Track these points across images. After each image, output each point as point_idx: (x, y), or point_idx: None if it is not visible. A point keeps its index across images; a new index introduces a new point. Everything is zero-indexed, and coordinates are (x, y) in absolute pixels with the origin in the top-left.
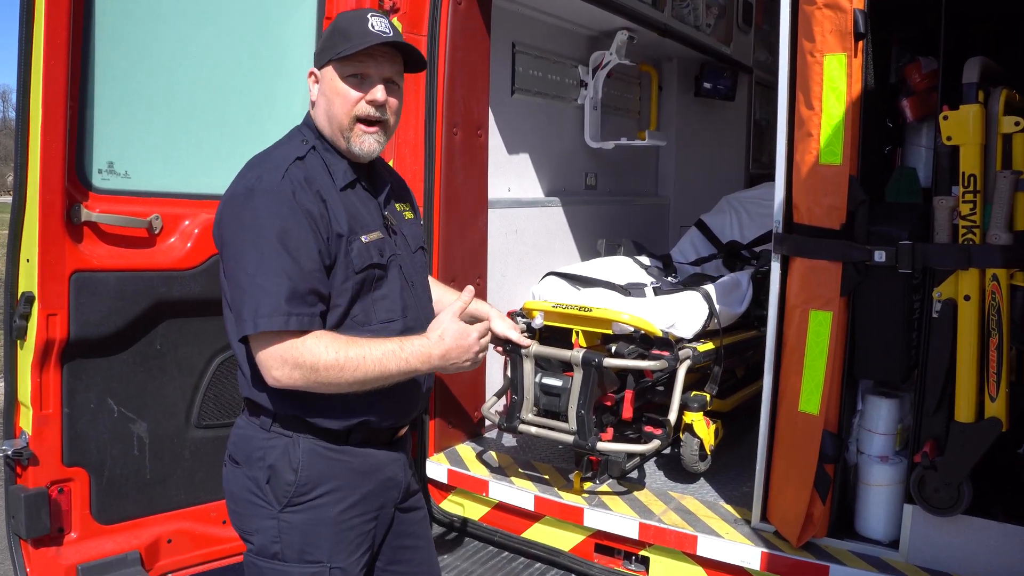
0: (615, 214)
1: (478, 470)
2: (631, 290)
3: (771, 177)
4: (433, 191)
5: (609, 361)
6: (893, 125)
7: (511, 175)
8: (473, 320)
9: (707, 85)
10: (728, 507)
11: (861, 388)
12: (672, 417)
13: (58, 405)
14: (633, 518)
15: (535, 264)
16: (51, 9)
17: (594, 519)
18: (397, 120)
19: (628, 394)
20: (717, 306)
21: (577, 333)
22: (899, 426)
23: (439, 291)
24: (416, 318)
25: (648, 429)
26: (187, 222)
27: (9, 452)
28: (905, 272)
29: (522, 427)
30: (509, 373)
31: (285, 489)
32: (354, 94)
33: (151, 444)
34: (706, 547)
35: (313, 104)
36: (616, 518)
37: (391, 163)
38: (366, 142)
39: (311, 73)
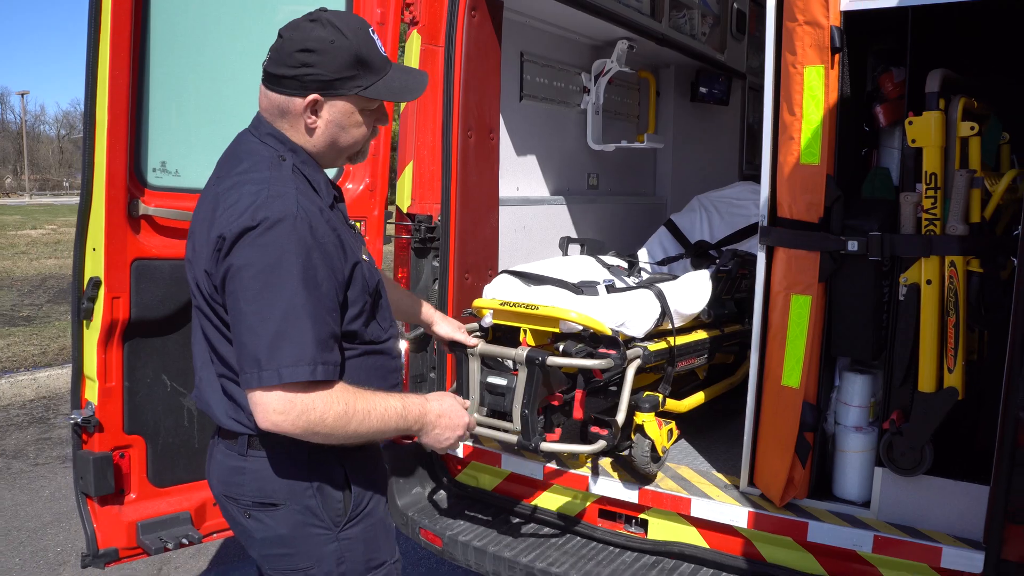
0: (615, 212)
1: (491, 444)
2: (583, 288)
3: None
4: (450, 189)
5: (552, 359)
6: (869, 129)
7: (520, 175)
8: (417, 322)
9: (703, 90)
10: (719, 474)
11: (838, 366)
12: (620, 418)
13: (120, 379)
14: (633, 484)
15: (542, 258)
16: (115, 26)
17: (598, 486)
18: None
19: (578, 394)
20: (671, 305)
21: (525, 331)
22: (872, 399)
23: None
24: (395, 327)
25: (594, 430)
26: None
27: (79, 420)
28: (875, 260)
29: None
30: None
31: (340, 508)
32: (368, 127)
33: (199, 416)
34: (699, 508)
35: (310, 130)
36: (618, 485)
37: (410, 165)
38: (367, 156)
39: (315, 100)
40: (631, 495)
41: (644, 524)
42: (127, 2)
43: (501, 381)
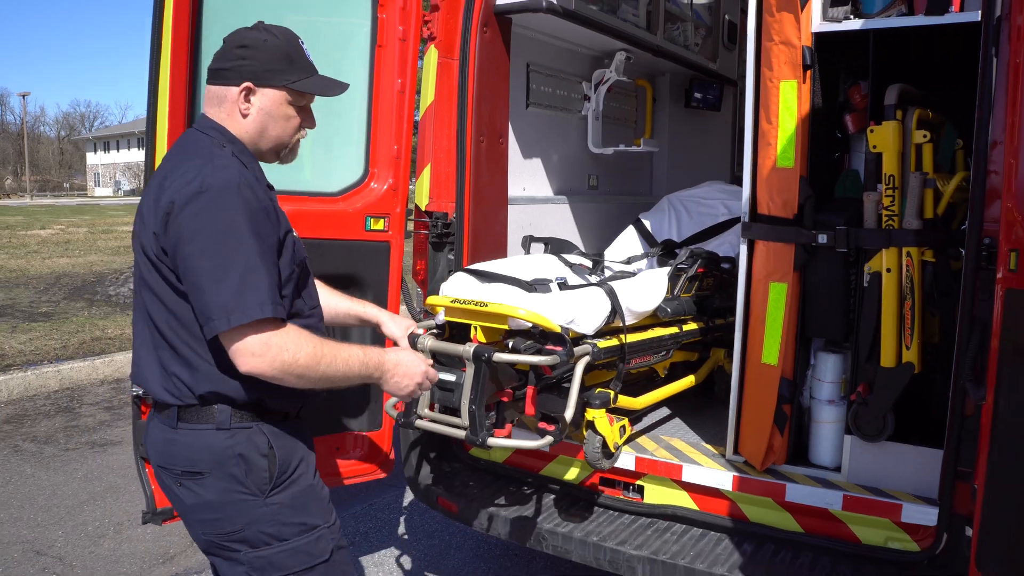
0: (614, 211)
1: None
2: (536, 286)
3: None
4: (464, 189)
5: (498, 356)
6: (841, 136)
7: (526, 176)
8: (363, 323)
9: (696, 96)
10: (707, 445)
11: (813, 346)
12: (568, 414)
13: None
14: (630, 453)
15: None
16: (175, 36)
17: None
18: None
19: (529, 390)
20: (623, 303)
21: (476, 328)
22: (844, 376)
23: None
24: (319, 309)
25: (542, 425)
26: None
27: (140, 393)
28: (842, 251)
29: (419, 423)
30: None
31: (264, 476)
32: (296, 120)
33: None
34: (689, 474)
35: (243, 115)
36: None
37: (428, 167)
38: (296, 157)
39: (247, 88)
40: (629, 463)
41: (640, 490)
42: (185, 17)
43: (450, 377)
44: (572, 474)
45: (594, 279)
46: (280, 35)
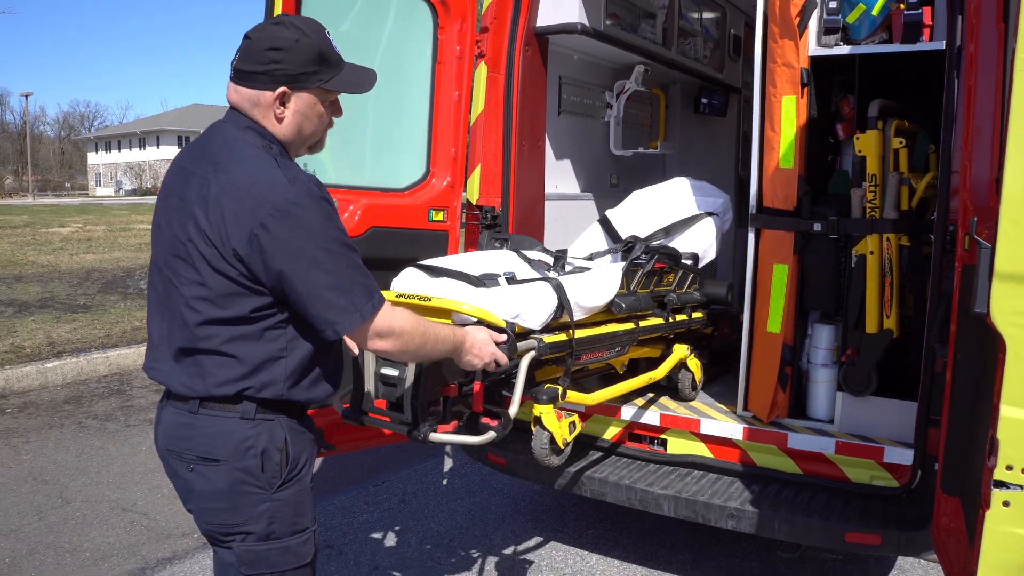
0: None
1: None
2: (485, 280)
3: None
4: (509, 186)
5: None
6: (833, 141)
7: (558, 175)
8: None
9: (704, 103)
10: (721, 404)
11: (810, 318)
12: (512, 410)
13: None
14: (655, 411)
15: (575, 242)
16: None
17: (627, 413)
18: None
19: (476, 385)
20: (572, 298)
21: None
22: (836, 344)
23: None
24: None
25: (485, 420)
26: (352, 205)
27: None
28: (833, 237)
29: (365, 419)
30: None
31: (276, 470)
32: (327, 116)
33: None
34: (706, 427)
35: (279, 119)
36: (643, 412)
37: (479, 167)
38: (323, 147)
39: (284, 92)
40: (654, 419)
41: (664, 443)
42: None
43: (393, 372)
44: (604, 431)
45: (552, 275)
46: (310, 32)
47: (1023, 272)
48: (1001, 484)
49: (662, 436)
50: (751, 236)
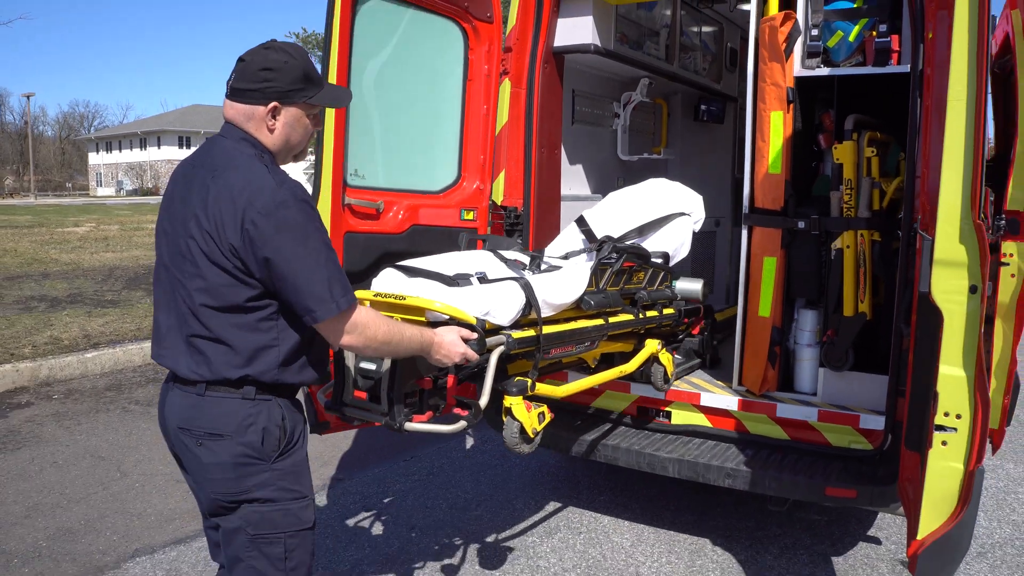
0: None
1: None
2: (458, 280)
3: None
4: (529, 189)
5: None
6: (816, 150)
7: (571, 179)
8: None
9: (703, 110)
10: (718, 381)
11: (796, 304)
12: (483, 401)
13: None
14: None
15: None
16: (339, 67)
17: (636, 389)
18: None
19: (449, 379)
20: (540, 295)
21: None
22: (819, 327)
23: None
24: None
25: (456, 411)
26: (396, 206)
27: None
28: (815, 234)
29: (346, 410)
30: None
31: (275, 444)
32: (311, 127)
33: None
34: (705, 400)
35: (270, 130)
36: (650, 389)
37: (503, 171)
38: (305, 156)
39: (275, 106)
40: (659, 396)
41: (668, 415)
42: (345, 55)
43: (371, 367)
44: (616, 405)
45: (523, 274)
46: (297, 55)
47: (954, 259)
48: (940, 427)
49: (667, 408)
50: (744, 233)
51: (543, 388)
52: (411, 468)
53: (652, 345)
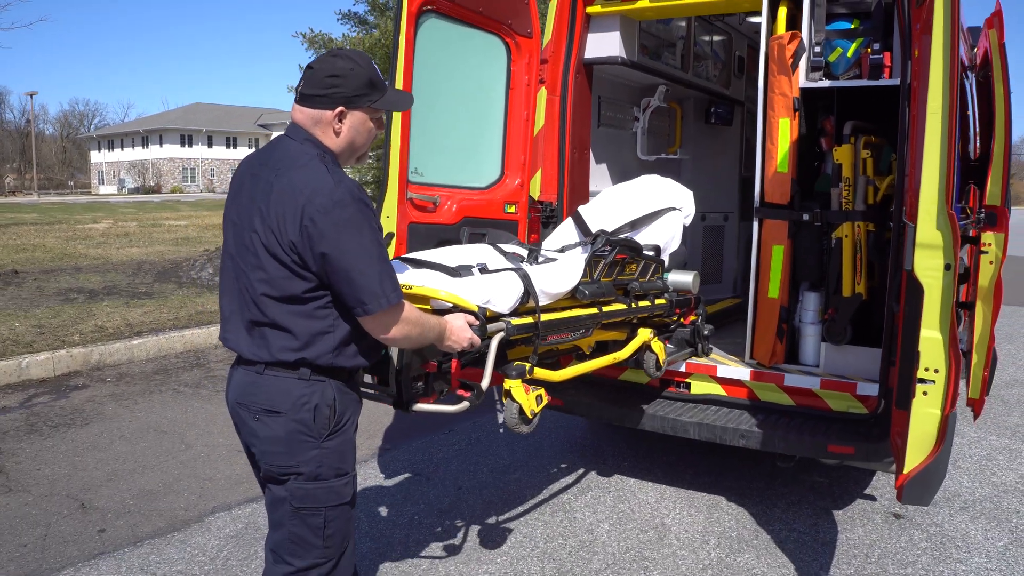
0: None
1: None
2: (460, 270)
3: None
4: (563, 185)
5: None
6: (819, 151)
7: (597, 177)
8: None
9: (714, 112)
10: (732, 355)
11: (801, 287)
12: (484, 383)
13: None
14: (681, 363)
15: None
16: (405, 77)
17: None
18: None
19: (454, 364)
20: (537, 285)
21: None
22: (820, 306)
23: None
24: None
25: (460, 392)
26: (449, 201)
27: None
28: (818, 225)
29: (359, 393)
30: None
31: (325, 423)
32: (374, 131)
33: None
34: (721, 371)
35: (336, 133)
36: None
37: (540, 170)
38: (367, 159)
39: (341, 111)
40: (680, 368)
41: (688, 385)
42: (409, 65)
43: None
44: (641, 378)
45: (522, 265)
46: (362, 62)
47: (932, 242)
48: (921, 380)
49: (687, 380)
50: (755, 224)
51: (541, 372)
52: (451, 439)
53: (644, 334)
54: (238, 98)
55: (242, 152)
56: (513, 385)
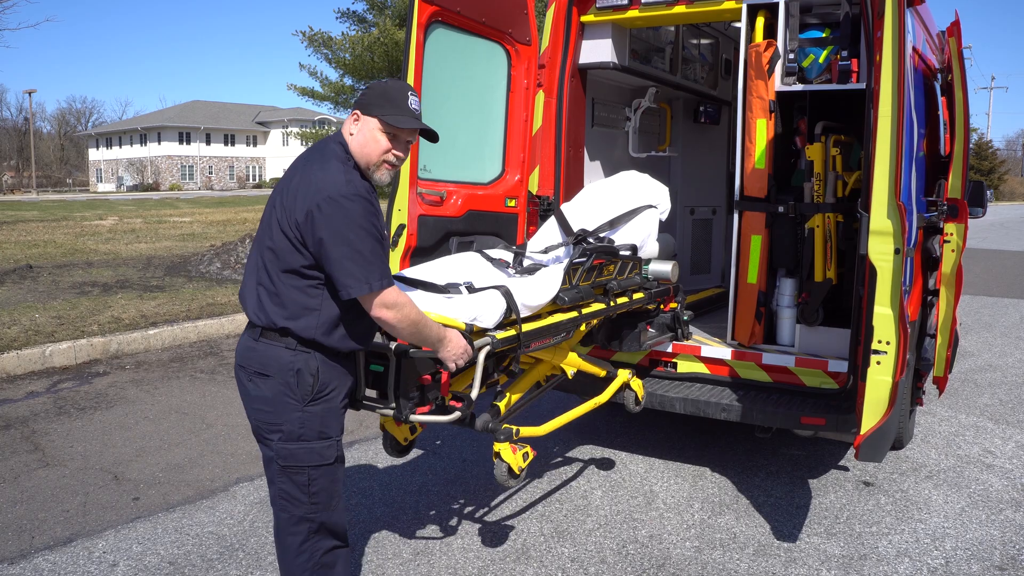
0: None
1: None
2: (449, 289)
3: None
4: (559, 181)
5: (414, 352)
6: (794, 149)
7: (591, 174)
8: None
9: (702, 112)
10: (715, 336)
11: (778, 273)
12: (473, 394)
13: None
14: (667, 344)
15: None
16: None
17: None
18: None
19: (444, 375)
20: (519, 299)
21: None
22: (795, 291)
23: None
24: None
25: (451, 403)
26: (455, 195)
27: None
28: (792, 216)
29: (359, 404)
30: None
31: (308, 389)
32: (385, 145)
33: None
34: (705, 351)
35: (351, 134)
36: (660, 345)
37: (538, 167)
38: (384, 176)
39: (355, 113)
40: (667, 349)
41: (675, 365)
42: (419, 73)
43: (380, 368)
44: (632, 359)
45: (511, 272)
46: (392, 84)
47: (883, 230)
48: (875, 351)
49: (674, 360)
50: (736, 216)
51: (526, 431)
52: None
53: (623, 375)
54: (236, 96)
55: (240, 149)
56: (502, 448)
